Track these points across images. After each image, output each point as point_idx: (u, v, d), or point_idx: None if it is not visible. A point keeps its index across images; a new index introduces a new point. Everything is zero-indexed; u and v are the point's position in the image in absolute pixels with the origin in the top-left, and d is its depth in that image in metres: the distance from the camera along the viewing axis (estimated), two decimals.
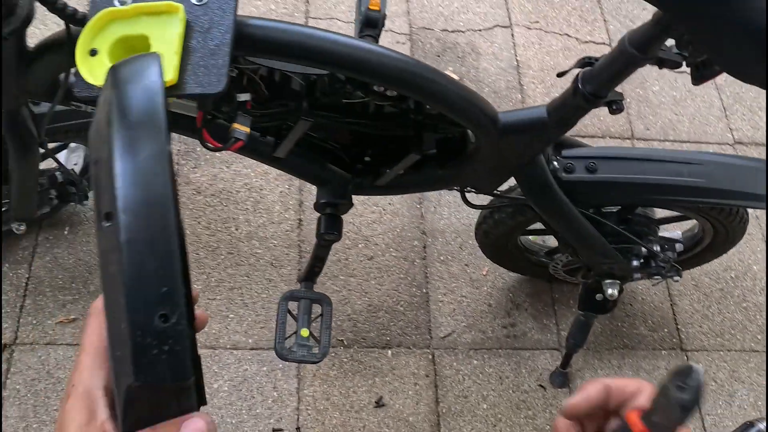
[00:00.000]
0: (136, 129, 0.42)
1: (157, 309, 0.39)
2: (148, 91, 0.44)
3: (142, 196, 0.41)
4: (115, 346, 0.41)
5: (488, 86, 2.07)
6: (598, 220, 1.32)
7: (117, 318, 0.40)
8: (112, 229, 0.40)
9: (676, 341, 1.74)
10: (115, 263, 0.40)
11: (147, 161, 0.41)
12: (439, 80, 1.00)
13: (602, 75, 1.01)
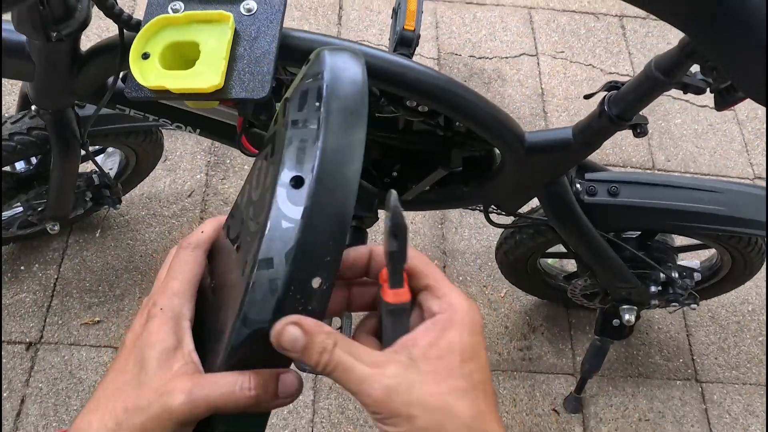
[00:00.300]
0: (345, 114, 0.45)
1: (317, 272, 0.42)
2: (357, 85, 0.48)
3: (339, 174, 0.43)
4: (253, 289, 0.43)
5: (513, 112, 2.11)
6: (618, 244, 1.35)
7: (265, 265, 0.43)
8: (299, 193, 0.43)
9: (690, 372, 1.75)
10: (289, 221, 0.43)
11: (349, 144, 0.44)
12: (471, 97, 1.03)
13: (628, 98, 1.04)
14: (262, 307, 0.43)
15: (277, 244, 0.43)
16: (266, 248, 0.43)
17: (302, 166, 0.44)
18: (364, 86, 0.48)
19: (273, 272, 0.42)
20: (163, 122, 1.18)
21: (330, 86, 0.46)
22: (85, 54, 1.04)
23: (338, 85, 0.47)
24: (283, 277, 0.42)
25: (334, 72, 0.47)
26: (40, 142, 1.28)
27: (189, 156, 1.90)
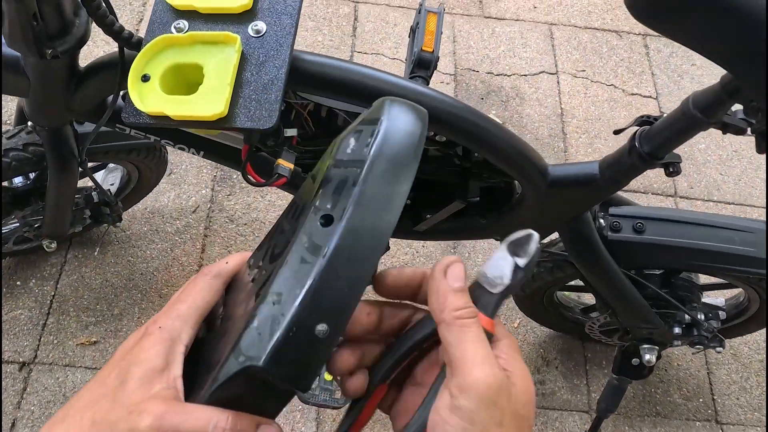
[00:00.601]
0: (393, 164, 0.43)
1: (324, 319, 0.40)
2: (412, 139, 0.45)
3: (371, 222, 0.41)
4: (256, 322, 0.41)
5: (531, 132, 2.04)
6: (640, 282, 1.28)
7: (272, 300, 0.41)
8: (326, 231, 0.41)
9: (711, 412, 1.67)
10: (308, 260, 0.41)
11: (390, 195, 0.42)
12: (491, 128, 0.97)
13: (661, 135, 0.97)
14: (259, 344, 0.40)
15: (290, 280, 0.41)
16: (278, 283, 0.41)
17: (335, 206, 0.42)
18: (419, 144, 0.45)
19: (278, 308, 0.40)
20: (165, 143, 1.12)
21: (384, 134, 0.44)
22: (83, 71, 0.98)
23: (393, 134, 0.45)
24: (287, 316, 0.40)
25: (393, 121, 0.45)
26: (37, 159, 1.22)
27: (195, 170, 1.83)
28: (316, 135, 1.08)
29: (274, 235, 0.52)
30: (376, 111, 0.47)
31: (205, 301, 0.48)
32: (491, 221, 1.21)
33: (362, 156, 0.43)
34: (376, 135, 0.44)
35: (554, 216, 1.15)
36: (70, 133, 1.14)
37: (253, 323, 0.41)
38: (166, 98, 0.81)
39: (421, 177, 1.17)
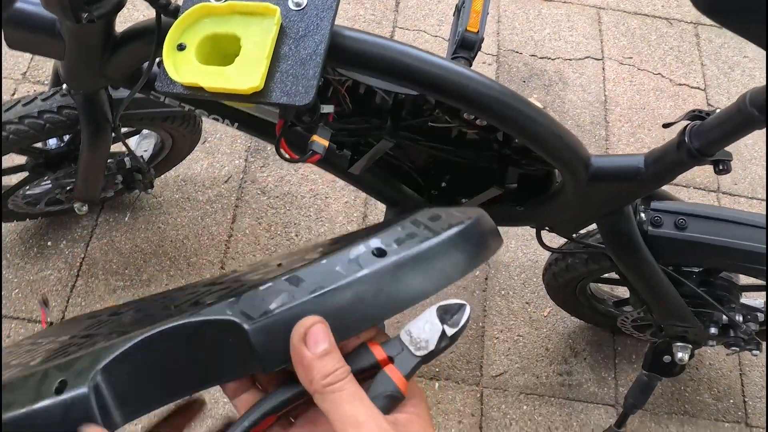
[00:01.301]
0: (458, 257, 0.44)
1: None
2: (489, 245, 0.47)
3: (414, 280, 0.42)
4: (266, 288, 0.41)
5: (572, 119, 1.99)
6: (678, 279, 1.24)
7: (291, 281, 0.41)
8: (371, 258, 0.41)
9: (741, 414, 1.63)
10: (341, 271, 0.41)
11: (441, 271, 0.43)
12: (534, 115, 0.93)
13: (713, 131, 0.93)
14: (258, 308, 0.40)
15: (317, 276, 0.41)
16: (305, 272, 0.41)
17: (391, 246, 0.42)
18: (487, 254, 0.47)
19: (293, 290, 0.40)
20: (199, 113, 1.10)
21: (471, 226, 0.45)
22: (119, 36, 0.96)
23: (477, 231, 0.46)
24: (297, 300, 0.40)
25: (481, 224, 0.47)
26: (71, 122, 1.21)
27: (229, 140, 1.82)
28: (353, 113, 1.05)
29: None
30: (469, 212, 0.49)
31: None
32: (528, 209, 1.18)
33: (438, 228, 0.44)
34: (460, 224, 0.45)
35: (594, 208, 1.11)
36: (104, 98, 1.13)
37: (263, 287, 0.40)
38: (201, 69, 0.79)
39: (458, 161, 1.14)
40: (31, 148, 1.31)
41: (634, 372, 1.64)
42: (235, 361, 0.40)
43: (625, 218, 1.12)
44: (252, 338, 0.39)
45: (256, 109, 1.10)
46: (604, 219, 1.13)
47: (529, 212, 1.18)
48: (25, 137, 1.20)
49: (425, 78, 0.86)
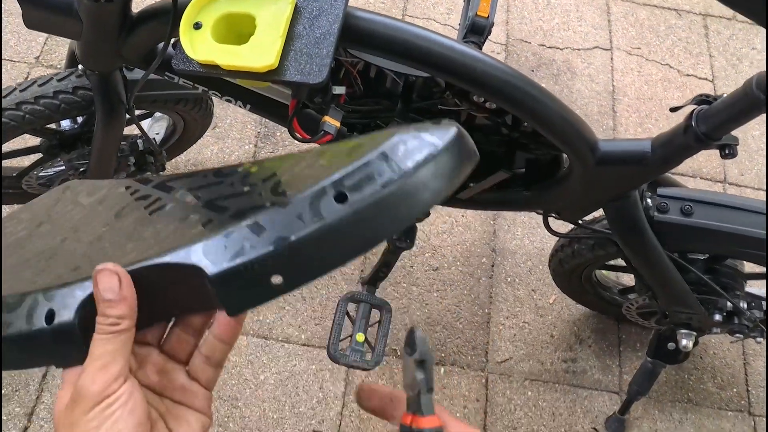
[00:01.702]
0: (426, 195, 0.42)
1: (285, 273, 0.40)
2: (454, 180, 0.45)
3: (375, 227, 0.41)
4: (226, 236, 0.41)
5: (580, 108, 2.00)
6: (683, 266, 1.25)
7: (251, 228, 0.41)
8: (333, 206, 0.41)
9: (744, 403, 1.64)
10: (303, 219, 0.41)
11: (402, 216, 0.41)
12: (544, 98, 0.95)
13: (720, 115, 0.94)
14: (220, 256, 0.40)
15: (278, 224, 0.41)
16: (266, 217, 0.41)
17: (355, 191, 0.41)
18: (452, 187, 0.44)
19: (254, 239, 0.40)
20: (212, 94, 1.11)
21: (436, 161, 0.43)
22: (135, 17, 0.98)
23: (444, 160, 0.43)
24: (258, 251, 0.40)
25: (449, 153, 0.44)
26: (85, 103, 1.23)
27: (239, 125, 1.84)
28: (364, 95, 1.06)
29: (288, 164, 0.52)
30: (437, 130, 0.46)
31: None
32: (535, 194, 1.19)
33: (406, 167, 0.42)
34: (430, 157, 0.43)
35: (601, 193, 1.12)
36: (119, 79, 1.15)
37: (225, 233, 0.41)
38: (217, 47, 0.80)
39: None
40: (45, 129, 1.32)
41: (639, 359, 1.65)
42: (203, 298, 0.43)
43: (632, 204, 1.13)
44: (215, 285, 0.41)
45: (269, 90, 1.11)
46: (610, 204, 1.14)
47: (536, 197, 1.20)
48: (40, 117, 1.21)
49: (436, 59, 0.88)
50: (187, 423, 0.46)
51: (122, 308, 0.42)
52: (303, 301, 1.62)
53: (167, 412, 0.46)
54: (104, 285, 0.42)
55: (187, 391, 0.48)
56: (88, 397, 0.41)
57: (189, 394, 0.48)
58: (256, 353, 1.54)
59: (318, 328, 1.59)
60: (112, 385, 0.41)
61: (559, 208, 1.24)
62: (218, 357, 0.49)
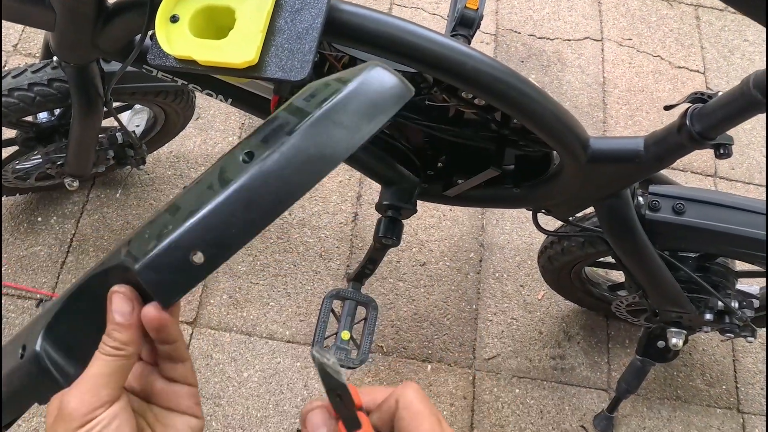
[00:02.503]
0: (335, 133, 0.41)
1: (204, 248, 0.39)
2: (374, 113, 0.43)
3: (287, 176, 0.40)
4: (150, 226, 0.41)
5: (570, 100, 1.97)
6: (674, 264, 1.23)
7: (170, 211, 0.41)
8: (241, 167, 0.40)
9: (733, 401, 1.63)
10: (214, 188, 0.40)
11: (319, 157, 0.40)
12: (534, 95, 0.92)
13: (715, 115, 0.91)
14: (144, 247, 0.40)
15: (191, 200, 0.40)
16: (182, 198, 0.41)
17: (261, 146, 0.41)
18: (376, 122, 0.43)
19: (170, 220, 0.40)
20: (192, 87, 1.08)
21: (344, 97, 0.42)
22: (111, 7, 0.94)
23: (351, 101, 0.42)
24: (173, 232, 0.39)
25: (360, 89, 0.43)
26: (62, 95, 1.19)
27: (222, 116, 1.80)
28: None
29: None
30: (356, 71, 0.45)
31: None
32: (525, 191, 1.16)
33: (310, 108, 0.41)
34: (336, 93, 0.42)
35: (591, 191, 1.10)
36: (96, 71, 1.11)
37: (149, 226, 0.41)
38: (195, 42, 0.77)
39: (455, 141, 1.13)
40: (22, 122, 1.29)
41: (628, 357, 1.64)
42: (145, 296, 0.42)
43: (623, 202, 1.10)
44: (141, 277, 0.40)
45: (251, 84, 1.08)
46: (601, 202, 1.12)
47: (526, 194, 1.17)
48: (14, 110, 1.18)
49: (423, 55, 0.84)
50: (174, 429, 0.46)
51: (129, 334, 0.41)
52: (288, 297, 1.59)
53: (156, 421, 0.46)
54: (117, 307, 0.41)
55: (169, 393, 0.47)
56: (70, 419, 0.40)
57: (172, 396, 0.47)
58: (240, 350, 1.51)
59: (303, 325, 1.56)
60: (98, 410, 0.41)
61: (549, 206, 1.21)
62: (178, 353, 0.47)
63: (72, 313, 0.44)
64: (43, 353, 0.42)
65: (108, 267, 0.42)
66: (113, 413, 0.41)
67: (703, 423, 1.59)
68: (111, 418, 0.41)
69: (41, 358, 0.42)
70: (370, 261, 1.36)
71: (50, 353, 0.43)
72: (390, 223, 1.23)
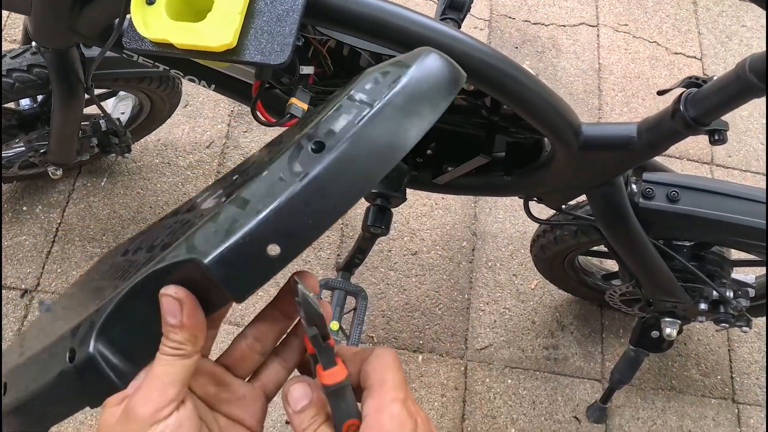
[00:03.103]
0: (408, 117, 0.41)
1: (279, 240, 0.38)
2: (437, 95, 0.43)
3: (361, 165, 0.39)
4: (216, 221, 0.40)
5: (565, 87, 1.94)
6: (668, 254, 1.21)
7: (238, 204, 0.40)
8: (313, 157, 0.39)
9: (728, 391, 1.61)
10: (285, 179, 0.39)
11: (391, 146, 0.40)
12: (524, 81, 0.89)
13: (710, 100, 0.89)
14: (212, 241, 0.39)
15: (261, 192, 0.39)
16: (250, 191, 0.40)
17: (331, 137, 0.40)
18: (441, 104, 0.43)
19: (240, 214, 0.39)
20: (174, 73, 1.05)
21: (408, 82, 0.42)
22: None
23: (417, 85, 0.42)
24: (246, 225, 0.38)
25: (422, 72, 0.43)
26: (42, 81, 1.16)
27: (211, 103, 1.77)
28: (335, 75, 1.00)
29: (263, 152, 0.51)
30: (411, 57, 0.45)
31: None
32: (516, 179, 1.14)
33: (378, 97, 0.41)
34: (398, 80, 0.42)
35: (584, 178, 1.07)
36: (76, 56, 1.08)
37: (213, 220, 0.40)
38: (172, 24, 0.74)
39: (444, 127, 1.10)
40: (3, 109, 1.26)
41: (621, 347, 1.62)
42: (211, 293, 0.42)
43: (616, 190, 1.08)
44: (213, 272, 0.39)
45: (232, 69, 1.05)
46: (594, 190, 1.10)
47: (517, 182, 1.15)
48: None
49: (409, 39, 0.82)
50: None
51: (184, 334, 0.41)
52: (277, 286, 1.56)
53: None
54: (167, 309, 0.41)
55: (246, 404, 0.47)
56: (139, 420, 0.40)
57: (247, 407, 0.47)
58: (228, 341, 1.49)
59: None
60: (165, 409, 0.40)
61: (541, 194, 1.19)
62: (296, 359, 0.49)
63: (126, 312, 0.42)
64: (97, 355, 0.41)
65: (170, 264, 0.40)
66: (180, 419, 0.41)
67: (698, 413, 1.58)
68: (179, 422, 0.40)
69: (96, 361, 0.41)
70: (360, 250, 1.33)
71: (105, 355, 0.41)
72: (379, 212, 1.21)
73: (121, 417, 0.40)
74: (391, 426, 0.41)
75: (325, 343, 0.43)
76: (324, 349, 0.43)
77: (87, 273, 0.64)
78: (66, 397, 0.42)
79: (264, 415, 0.47)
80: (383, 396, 0.43)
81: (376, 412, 0.42)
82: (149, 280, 0.41)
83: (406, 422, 0.42)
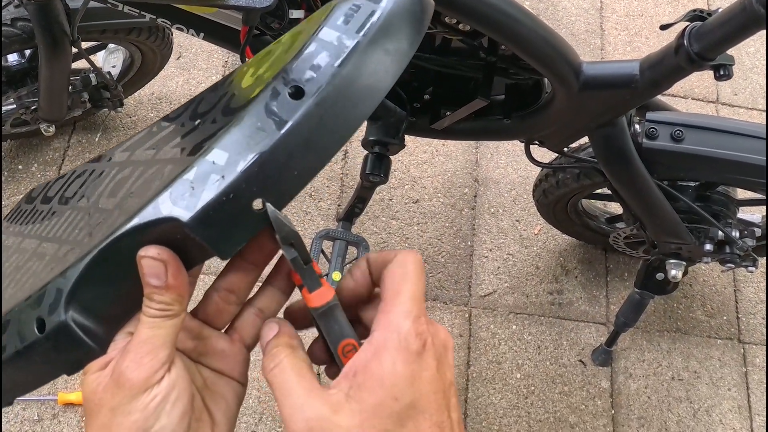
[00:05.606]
0: (386, 57, 0.39)
1: (264, 194, 0.37)
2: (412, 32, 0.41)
3: (342, 112, 0.38)
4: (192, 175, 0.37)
5: (566, 27, 1.90)
6: (673, 194, 1.18)
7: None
8: (293, 104, 0.37)
9: (734, 331, 1.61)
10: (265, 129, 0.37)
11: (371, 89, 0.39)
12: (522, 18, 0.86)
13: (715, 33, 0.86)
14: (189, 199, 0.37)
15: (240, 144, 0.37)
16: (226, 143, 0.37)
17: (310, 80, 0.38)
18: (415, 40, 0.41)
19: (219, 168, 0.37)
20: (161, 22, 1.02)
21: (382, 20, 0.40)
22: None
23: (391, 23, 0.40)
24: (227, 180, 0.36)
25: (397, 5, 0.41)
26: (27, 35, 1.13)
27: (205, 54, 1.73)
28: None
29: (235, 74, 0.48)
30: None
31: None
32: (516, 122, 1.11)
33: (353, 36, 0.39)
34: (372, 14, 0.40)
35: (585, 119, 1.05)
36: (60, 8, 1.05)
37: (187, 174, 0.37)
38: None
39: (441, 71, 1.07)
40: None
41: (626, 290, 1.61)
42: (191, 250, 0.40)
43: (619, 130, 1.06)
44: (196, 231, 0.37)
45: (219, 15, 1.02)
46: (596, 131, 1.07)
47: (517, 125, 1.12)
48: None
49: None
50: (224, 399, 0.44)
51: (170, 295, 0.39)
52: None
53: (204, 387, 0.44)
54: (148, 271, 0.38)
55: (227, 356, 0.45)
56: (129, 385, 0.38)
57: (228, 359, 0.45)
58: None
59: None
60: (158, 372, 0.39)
61: (542, 137, 1.16)
62: (274, 308, 0.46)
63: (97, 275, 0.40)
64: (71, 322, 0.39)
65: (145, 222, 0.38)
66: (171, 383, 0.39)
67: (704, 354, 1.57)
68: (172, 383, 0.39)
69: (70, 329, 0.39)
70: (359, 200, 1.31)
71: (78, 320, 0.39)
72: (377, 160, 1.19)
73: (110, 385, 0.39)
74: (394, 346, 0.38)
75: (307, 265, 0.41)
76: (306, 271, 0.41)
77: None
78: (39, 367, 0.41)
79: (247, 365, 0.45)
80: (393, 311, 0.39)
81: (383, 329, 0.39)
82: (122, 240, 0.39)
83: (413, 343, 0.38)
